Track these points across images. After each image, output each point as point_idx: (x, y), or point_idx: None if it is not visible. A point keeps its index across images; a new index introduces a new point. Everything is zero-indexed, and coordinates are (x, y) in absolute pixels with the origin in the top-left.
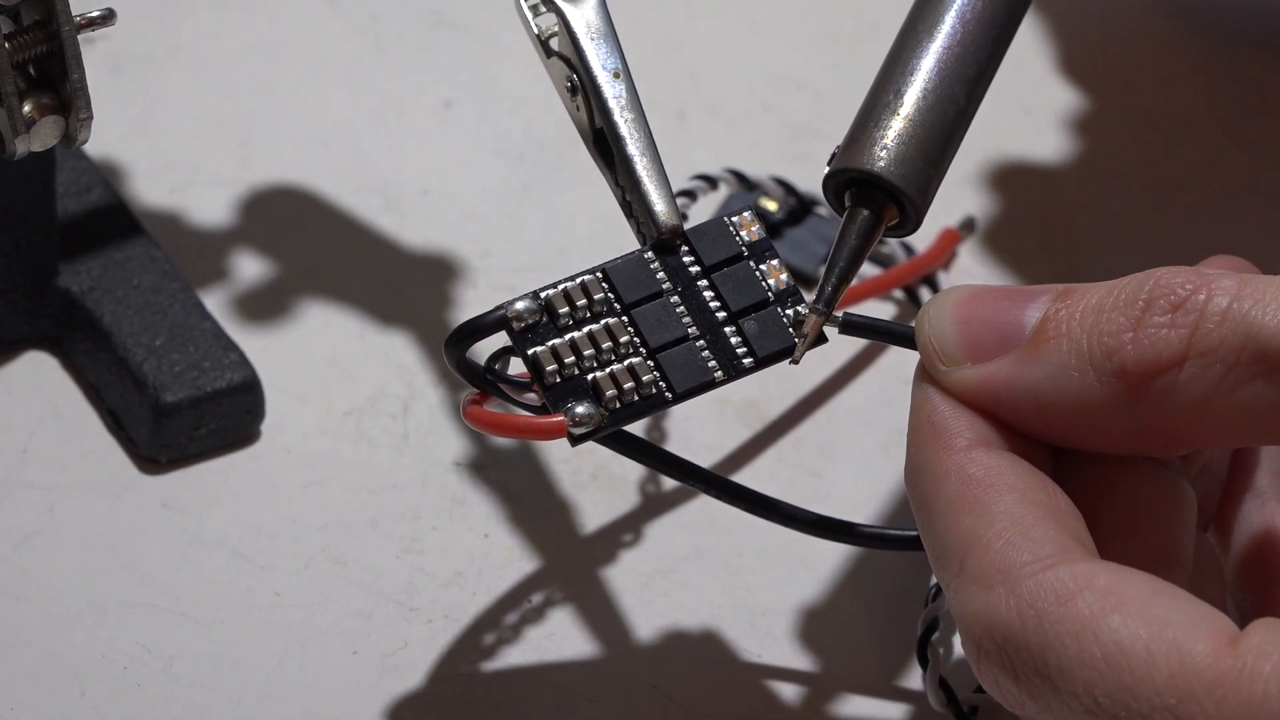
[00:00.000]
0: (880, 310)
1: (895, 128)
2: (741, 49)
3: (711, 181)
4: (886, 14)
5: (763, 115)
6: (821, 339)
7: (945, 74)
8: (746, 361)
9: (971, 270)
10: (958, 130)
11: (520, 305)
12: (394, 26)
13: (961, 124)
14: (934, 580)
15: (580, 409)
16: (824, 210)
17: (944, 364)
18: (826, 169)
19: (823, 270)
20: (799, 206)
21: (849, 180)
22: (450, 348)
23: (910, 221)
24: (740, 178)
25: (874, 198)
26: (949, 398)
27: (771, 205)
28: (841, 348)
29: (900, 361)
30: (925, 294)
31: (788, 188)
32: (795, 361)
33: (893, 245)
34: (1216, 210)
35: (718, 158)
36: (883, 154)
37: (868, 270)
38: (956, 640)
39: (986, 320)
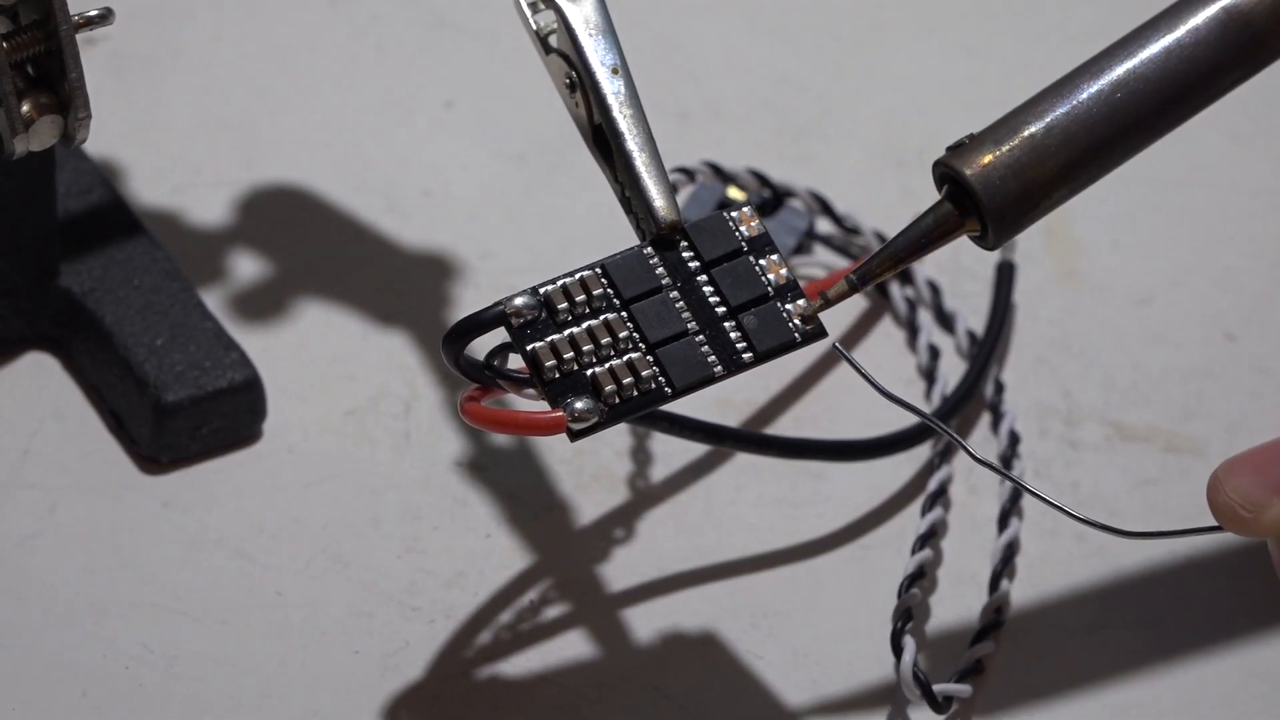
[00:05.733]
0: (853, 302)
1: (1017, 153)
2: (744, 50)
3: (689, 174)
4: (888, 15)
5: (765, 116)
6: (820, 333)
7: (1097, 119)
8: (746, 356)
9: (973, 269)
10: (1082, 178)
11: (519, 301)
12: (395, 27)
13: (1091, 173)
14: (906, 571)
15: (580, 404)
16: (797, 203)
17: (1249, 511)
18: (946, 150)
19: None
20: (772, 198)
21: (950, 175)
22: (448, 344)
23: (988, 242)
24: (717, 170)
25: (963, 203)
26: None
27: (739, 195)
28: (845, 344)
29: (903, 363)
30: (896, 288)
31: (762, 179)
32: (809, 318)
33: (868, 236)
34: (1217, 210)
35: (720, 159)
36: (990, 173)
37: (837, 261)
38: (929, 630)
39: (1278, 458)
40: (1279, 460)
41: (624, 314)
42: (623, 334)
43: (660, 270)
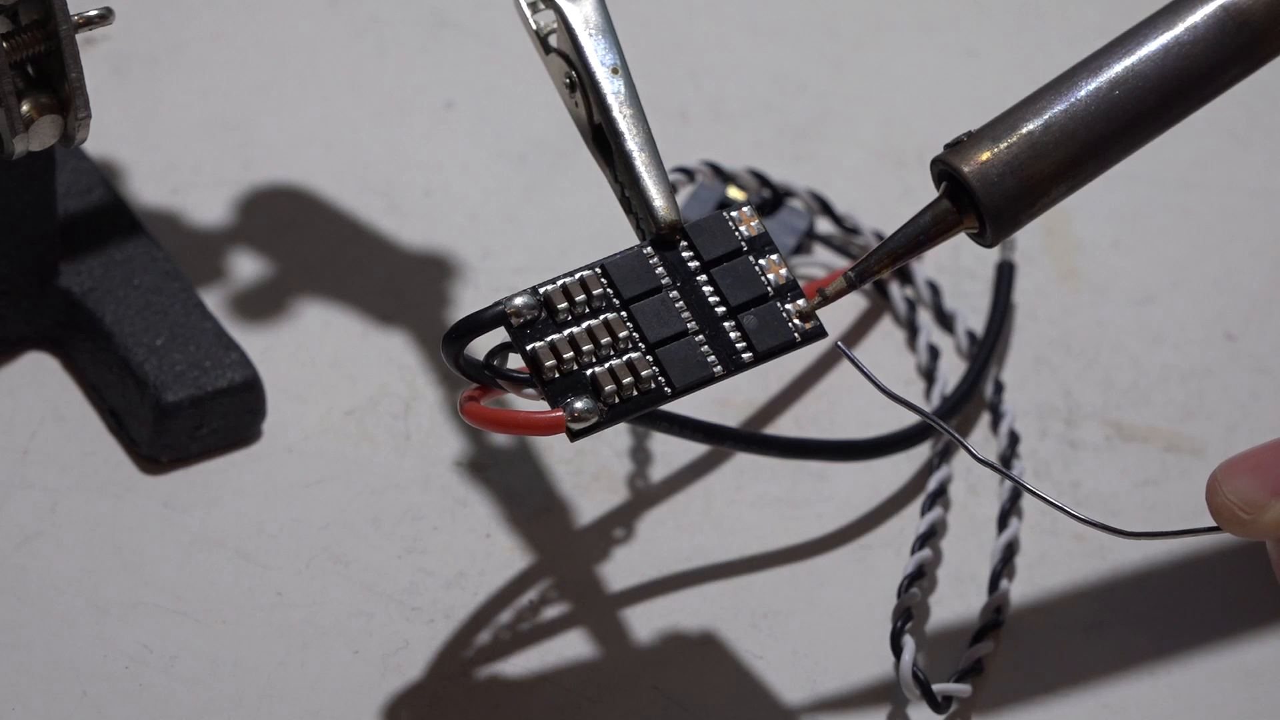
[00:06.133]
0: (853, 301)
1: (1016, 151)
2: (743, 49)
3: (689, 174)
4: (888, 15)
5: (765, 116)
6: (820, 333)
7: (1095, 116)
8: (746, 356)
9: (973, 269)
10: (1080, 176)
11: (519, 301)
12: (395, 27)
13: (1089, 171)
14: (906, 571)
15: (579, 404)
16: (797, 203)
17: (1248, 512)
18: (944, 147)
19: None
20: (772, 198)
21: (948, 173)
22: (448, 344)
23: (986, 239)
24: (717, 170)
25: (962, 200)
26: None
27: (739, 195)
28: (845, 344)
29: (903, 363)
30: (895, 288)
31: (762, 179)
32: (807, 316)
33: (867, 235)
34: (1217, 210)
35: (720, 159)
36: (988, 170)
37: (837, 261)
38: (929, 630)
39: (1278, 458)
40: (1277, 462)
41: (624, 314)
42: (622, 334)
43: (660, 270)
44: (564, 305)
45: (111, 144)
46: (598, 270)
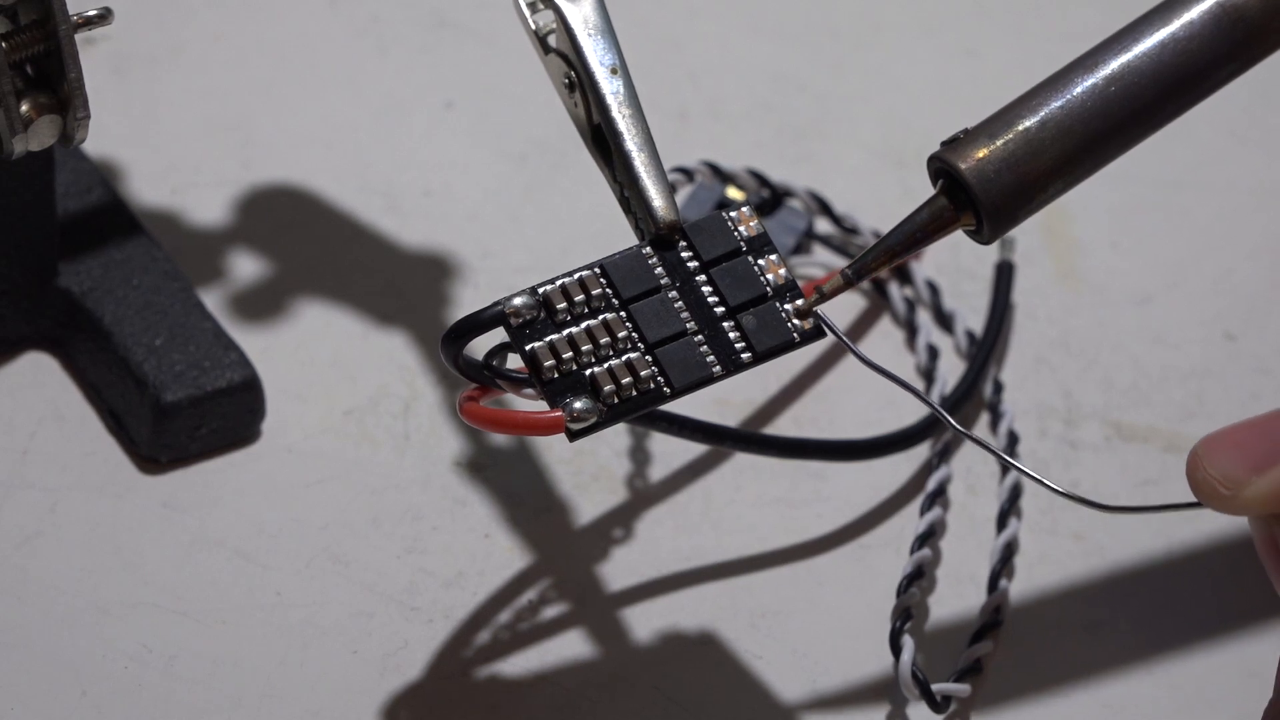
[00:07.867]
0: (852, 301)
1: (1012, 147)
2: (743, 49)
3: (688, 174)
4: (887, 15)
5: (764, 116)
6: (818, 333)
7: (1091, 113)
8: (745, 356)
9: (972, 269)
10: (1077, 172)
11: (518, 301)
12: (395, 27)
13: (1086, 167)
14: (905, 570)
15: (578, 404)
16: (796, 203)
17: (1228, 489)
18: (940, 144)
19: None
20: (771, 198)
21: (945, 170)
22: (447, 344)
23: (983, 236)
24: (715, 170)
25: (959, 197)
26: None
27: (738, 195)
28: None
29: (902, 362)
30: (895, 288)
31: (761, 179)
32: (805, 314)
33: (866, 235)
34: (1216, 210)
35: (719, 159)
36: (985, 166)
37: (836, 261)
38: (928, 630)
39: (1259, 435)
40: (1259, 438)
41: (623, 314)
42: (621, 334)
43: (659, 270)
44: (563, 305)
45: (111, 144)
46: (597, 270)
